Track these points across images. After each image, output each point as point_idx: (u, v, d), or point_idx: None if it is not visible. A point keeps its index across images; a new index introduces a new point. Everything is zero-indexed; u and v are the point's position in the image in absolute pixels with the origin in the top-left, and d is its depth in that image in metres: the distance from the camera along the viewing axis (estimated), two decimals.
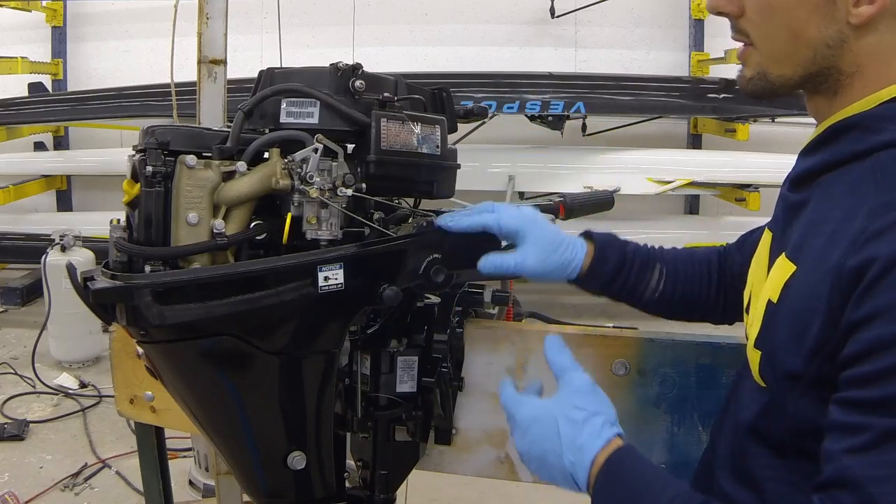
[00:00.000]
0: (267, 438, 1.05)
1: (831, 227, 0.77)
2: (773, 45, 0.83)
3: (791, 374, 0.78)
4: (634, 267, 1.13)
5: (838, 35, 0.79)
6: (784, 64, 0.83)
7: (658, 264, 1.15)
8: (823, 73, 0.81)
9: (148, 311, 0.91)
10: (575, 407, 0.87)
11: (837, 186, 0.80)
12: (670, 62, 5.43)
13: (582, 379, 0.91)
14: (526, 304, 2.89)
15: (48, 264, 3.74)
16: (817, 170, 0.84)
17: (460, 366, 1.23)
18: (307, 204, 0.99)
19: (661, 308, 1.17)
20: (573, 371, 0.92)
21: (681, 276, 1.15)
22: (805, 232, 0.81)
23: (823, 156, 0.83)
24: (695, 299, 1.16)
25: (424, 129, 1.04)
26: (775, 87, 0.85)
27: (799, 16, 0.79)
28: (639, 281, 1.14)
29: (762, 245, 0.94)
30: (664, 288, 1.14)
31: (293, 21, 4.95)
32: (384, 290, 1.00)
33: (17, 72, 4.89)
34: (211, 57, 1.98)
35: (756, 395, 0.87)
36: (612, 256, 1.12)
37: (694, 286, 1.16)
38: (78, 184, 5.58)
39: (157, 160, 0.93)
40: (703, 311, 1.18)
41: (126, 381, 1.48)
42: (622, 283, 1.13)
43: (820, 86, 0.83)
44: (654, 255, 1.16)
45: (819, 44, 0.80)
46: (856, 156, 0.79)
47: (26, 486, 2.79)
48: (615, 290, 1.15)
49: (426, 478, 1.39)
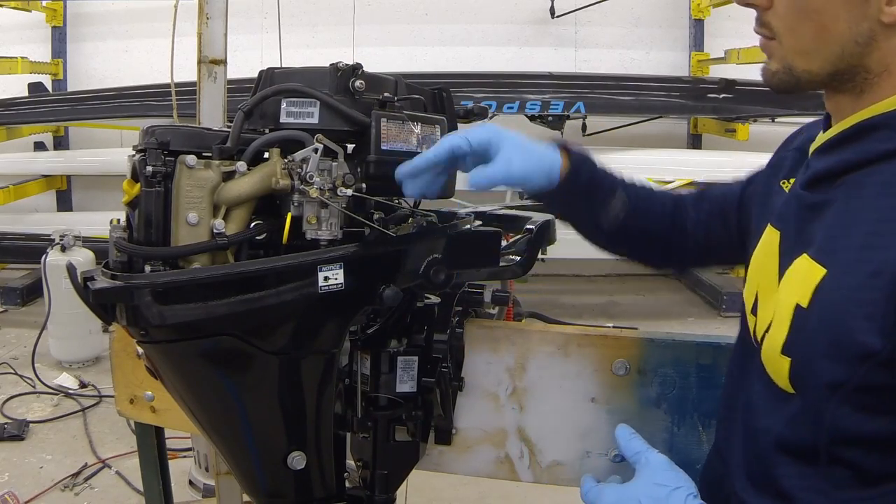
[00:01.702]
0: (267, 438, 1.05)
1: (866, 228, 0.75)
2: (799, 40, 0.81)
3: (833, 383, 0.76)
4: (602, 189, 1.09)
5: (868, 33, 0.77)
6: (810, 59, 0.81)
7: (621, 191, 1.10)
8: (850, 70, 0.80)
9: (148, 311, 0.91)
10: (656, 484, 0.88)
11: (868, 187, 0.78)
12: (670, 62, 5.44)
13: (658, 458, 0.91)
14: (526, 304, 2.90)
15: (48, 264, 3.74)
16: (839, 169, 0.82)
17: (460, 366, 1.23)
18: (307, 204, 0.98)
19: (617, 241, 1.15)
20: (648, 452, 0.93)
21: (640, 210, 1.12)
22: (833, 233, 0.79)
23: (847, 154, 0.81)
24: (651, 238, 1.14)
25: (424, 129, 1.04)
26: (801, 83, 0.83)
27: (830, 11, 0.78)
28: (601, 203, 1.09)
29: (766, 243, 0.91)
30: (624, 218, 1.09)
31: (293, 21, 4.96)
32: (384, 290, 1.00)
33: (17, 72, 4.90)
34: (211, 57, 1.98)
35: (779, 403, 0.84)
36: (584, 172, 1.07)
37: (651, 224, 1.13)
38: (78, 184, 5.59)
39: (157, 160, 0.93)
40: (658, 254, 1.17)
41: (126, 381, 1.48)
42: (588, 203, 1.09)
43: (846, 83, 0.81)
44: (618, 181, 1.12)
45: (848, 40, 0.78)
46: (886, 155, 0.77)
47: (26, 486, 2.79)
48: (579, 208, 1.10)
49: (426, 478, 1.39)
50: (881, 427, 0.76)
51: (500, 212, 1.35)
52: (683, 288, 5.42)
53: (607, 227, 1.10)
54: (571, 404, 1.25)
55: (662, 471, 0.90)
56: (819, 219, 0.82)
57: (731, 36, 5.08)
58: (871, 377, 0.73)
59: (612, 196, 1.09)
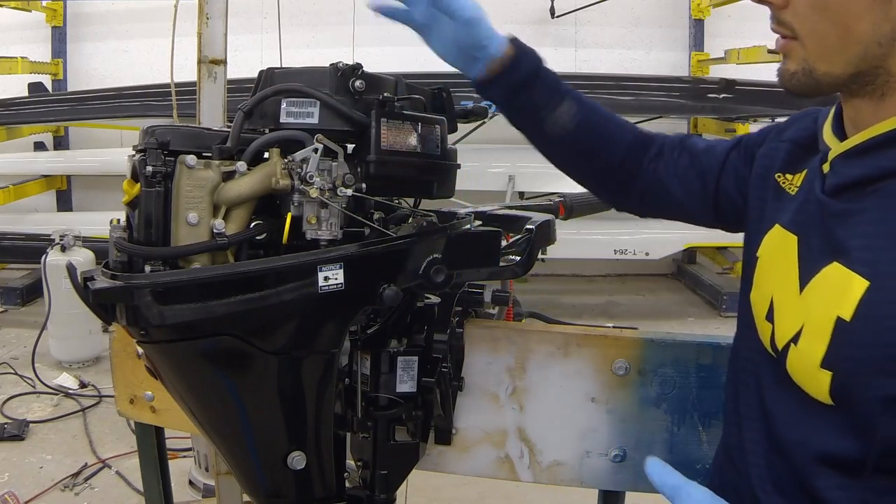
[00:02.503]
0: (267, 438, 1.05)
1: None
2: (821, 40, 0.79)
3: (889, 398, 0.74)
4: (545, 87, 1.06)
5: (891, 34, 0.75)
6: (832, 61, 0.78)
7: (570, 100, 1.07)
8: (872, 72, 0.78)
9: (148, 311, 0.91)
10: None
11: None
12: (670, 62, 5.44)
13: (700, 492, 0.84)
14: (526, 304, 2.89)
15: (48, 264, 3.74)
16: (872, 177, 0.79)
17: (460, 366, 1.23)
18: (307, 204, 0.98)
19: (560, 152, 1.13)
20: (688, 486, 0.85)
21: (592, 125, 1.08)
22: (872, 244, 0.76)
23: (881, 162, 0.78)
24: (596, 160, 1.11)
25: (424, 129, 1.04)
26: (821, 85, 0.81)
27: (853, 10, 0.76)
28: (545, 105, 1.06)
29: (779, 247, 0.89)
30: (571, 127, 1.07)
31: (293, 21, 4.96)
32: (384, 290, 1.00)
33: (17, 72, 4.90)
34: (211, 57, 1.98)
35: (814, 414, 0.82)
36: (525, 65, 1.05)
37: (602, 146, 1.10)
38: (78, 184, 5.59)
39: (157, 160, 0.93)
40: (599, 179, 1.15)
41: (126, 381, 1.48)
42: (527, 98, 1.07)
43: (866, 87, 0.79)
44: (570, 91, 1.09)
45: (871, 41, 0.76)
46: None
47: (26, 486, 2.79)
48: (518, 104, 1.08)
49: (426, 478, 1.39)
50: None
51: (500, 212, 1.35)
52: (683, 288, 5.42)
53: (550, 133, 1.08)
54: (571, 404, 1.25)
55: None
56: (847, 226, 0.80)
57: (731, 36, 5.08)
58: None
59: (559, 101, 1.07)
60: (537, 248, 1.25)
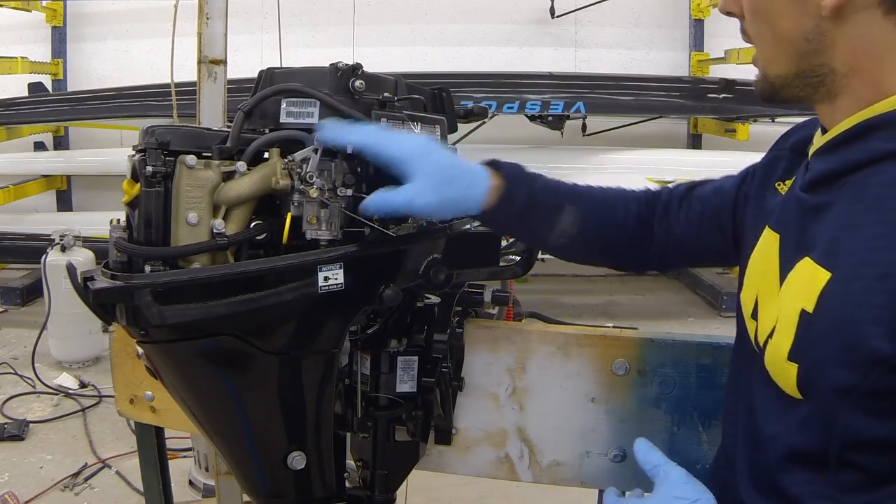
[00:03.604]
0: (267, 438, 1.05)
1: (872, 230, 0.74)
2: (763, 44, 0.82)
3: (843, 388, 0.75)
4: (543, 208, 1.05)
5: (815, 28, 0.77)
6: (776, 62, 0.81)
7: (569, 206, 1.06)
8: (815, 71, 0.79)
9: (148, 311, 0.91)
10: (675, 497, 0.89)
11: (871, 188, 0.76)
12: (670, 62, 5.44)
13: (677, 471, 0.92)
14: (526, 304, 2.90)
15: (48, 264, 3.74)
16: (839, 171, 0.80)
17: (460, 366, 1.23)
18: (307, 204, 0.98)
19: (567, 252, 1.12)
20: (667, 465, 0.93)
21: (594, 219, 1.09)
22: (836, 235, 0.78)
23: (848, 155, 0.79)
24: (607, 245, 1.11)
25: (424, 129, 1.04)
26: (776, 88, 0.83)
27: (775, 10, 0.79)
28: (546, 224, 1.06)
29: (765, 246, 0.90)
30: (574, 232, 1.07)
31: (293, 21, 4.96)
32: (384, 290, 1.00)
33: (17, 72, 4.90)
34: (211, 57, 1.98)
35: (786, 409, 0.83)
36: (520, 195, 1.03)
37: (608, 232, 1.10)
38: (78, 184, 5.59)
39: (157, 160, 0.93)
40: (614, 258, 1.15)
41: (126, 381, 1.48)
42: (528, 225, 1.06)
43: (818, 89, 0.80)
44: (566, 196, 1.08)
45: (798, 38, 0.78)
46: (888, 155, 0.76)
47: (26, 486, 2.79)
48: (520, 231, 1.09)
49: (426, 478, 1.39)
50: (892, 430, 0.75)
51: None
52: (683, 288, 5.42)
53: (555, 244, 1.08)
54: (571, 404, 1.25)
55: (681, 484, 0.90)
56: (820, 221, 0.81)
57: (731, 36, 5.06)
58: (881, 382, 0.72)
59: (559, 213, 1.06)
60: (537, 248, 1.25)
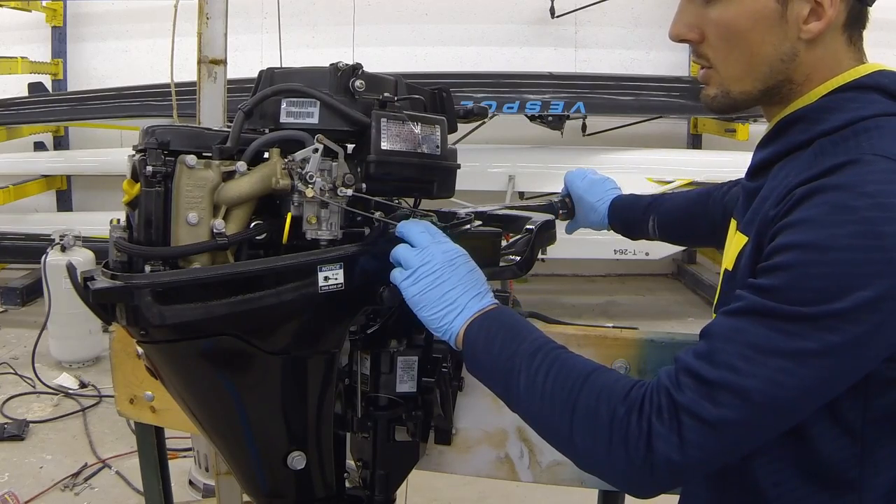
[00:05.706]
0: (267, 438, 1.05)
1: (772, 199, 0.86)
2: (733, 66, 0.90)
3: None
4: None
5: (791, 50, 0.87)
6: (744, 81, 0.90)
7: (651, 222, 1.38)
8: (779, 84, 0.89)
9: (148, 311, 0.91)
10: None
11: (783, 170, 0.88)
12: (670, 62, 5.43)
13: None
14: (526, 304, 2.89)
15: (48, 264, 3.74)
16: (770, 160, 0.92)
17: (460, 366, 1.23)
18: (307, 204, 0.99)
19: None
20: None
21: (677, 224, 1.37)
22: (755, 207, 0.89)
23: (775, 147, 0.91)
24: (693, 236, 1.42)
25: (424, 129, 1.04)
26: (737, 103, 0.92)
27: (756, 37, 0.87)
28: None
29: (731, 232, 0.99)
30: (660, 235, 1.38)
31: (293, 21, 4.96)
32: (384, 290, 1.00)
33: (17, 72, 4.90)
34: (211, 57, 1.98)
35: None
36: None
37: (693, 230, 1.37)
38: (78, 184, 5.59)
39: (157, 160, 0.93)
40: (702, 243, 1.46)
41: (126, 381, 1.48)
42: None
43: (775, 96, 0.91)
44: (642, 218, 1.40)
45: (774, 60, 0.88)
46: (801, 145, 0.87)
47: (26, 486, 2.79)
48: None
49: (426, 478, 1.39)
50: None
51: (500, 212, 1.35)
52: (683, 288, 5.42)
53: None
54: None
55: None
56: (753, 202, 0.92)
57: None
58: None
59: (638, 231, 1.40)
60: (537, 248, 1.25)
